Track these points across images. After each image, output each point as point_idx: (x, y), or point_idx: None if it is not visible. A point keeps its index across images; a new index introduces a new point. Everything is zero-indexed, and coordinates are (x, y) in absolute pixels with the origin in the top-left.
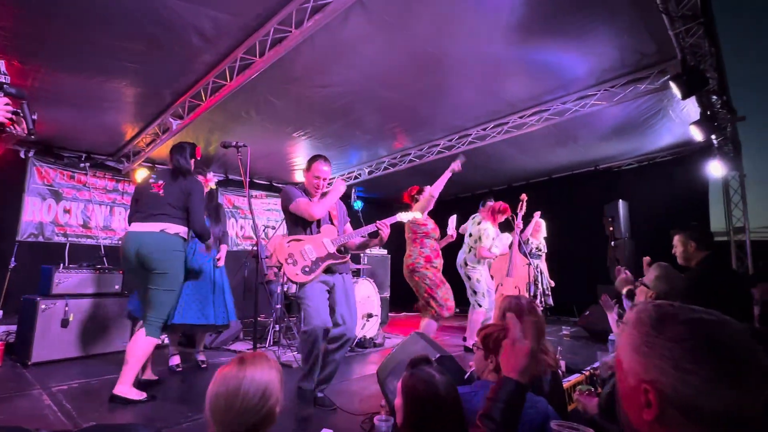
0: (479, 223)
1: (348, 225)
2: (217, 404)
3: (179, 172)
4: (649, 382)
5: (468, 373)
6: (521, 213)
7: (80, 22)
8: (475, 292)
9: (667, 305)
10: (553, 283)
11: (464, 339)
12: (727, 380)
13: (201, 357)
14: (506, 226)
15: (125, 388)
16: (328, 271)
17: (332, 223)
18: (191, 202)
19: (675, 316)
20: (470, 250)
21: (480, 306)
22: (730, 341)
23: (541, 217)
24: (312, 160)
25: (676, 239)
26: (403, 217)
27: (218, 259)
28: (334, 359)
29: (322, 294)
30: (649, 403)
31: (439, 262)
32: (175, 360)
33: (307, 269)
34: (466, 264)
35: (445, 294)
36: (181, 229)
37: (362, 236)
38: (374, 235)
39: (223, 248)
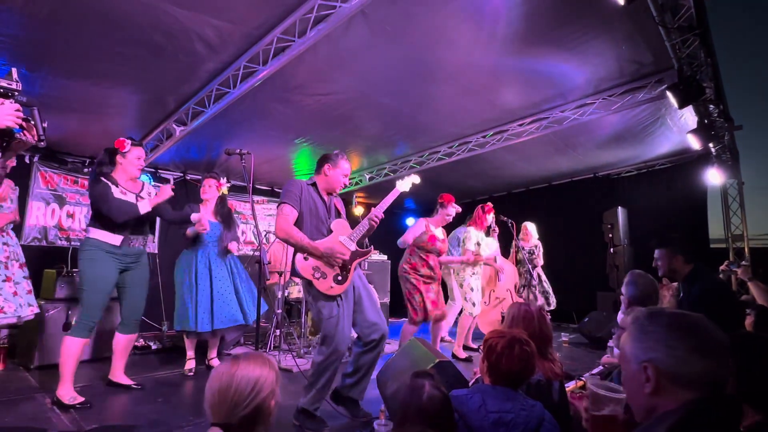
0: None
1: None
2: (212, 398)
3: None
4: (647, 361)
5: (473, 380)
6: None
7: (84, 28)
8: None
9: (655, 307)
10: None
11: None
12: (699, 352)
13: (216, 363)
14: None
15: (61, 391)
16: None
17: (339, 215)
18: (91, 201)
19: (662, 311)
20: None
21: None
22: (699, 326)
23: (524, 222)
24: (337, 157)
25: (660, 254)
26: (402, 186)
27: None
28: (368, 360)
29: (345, 306)
30: (648, 378)
31: (426, 272)
32: (191, 364)
33: (339, 278)
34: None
35: (423, 300)
36: (91, 231)
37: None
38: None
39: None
